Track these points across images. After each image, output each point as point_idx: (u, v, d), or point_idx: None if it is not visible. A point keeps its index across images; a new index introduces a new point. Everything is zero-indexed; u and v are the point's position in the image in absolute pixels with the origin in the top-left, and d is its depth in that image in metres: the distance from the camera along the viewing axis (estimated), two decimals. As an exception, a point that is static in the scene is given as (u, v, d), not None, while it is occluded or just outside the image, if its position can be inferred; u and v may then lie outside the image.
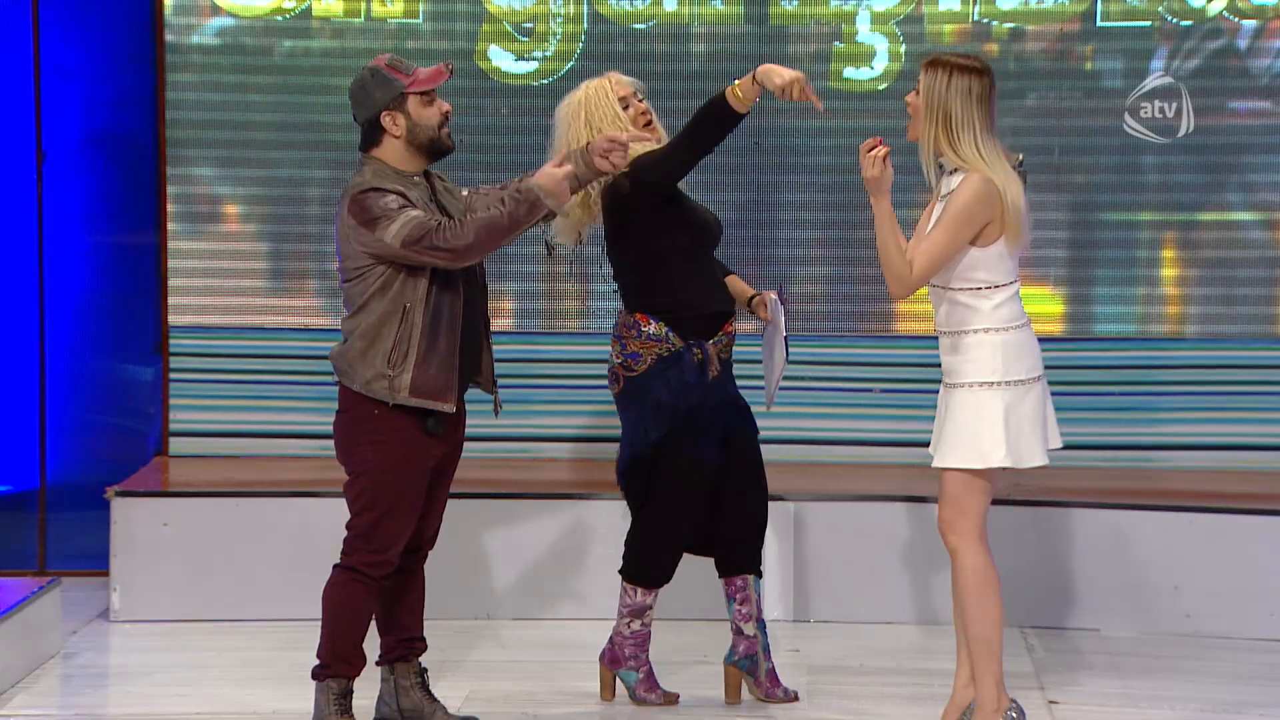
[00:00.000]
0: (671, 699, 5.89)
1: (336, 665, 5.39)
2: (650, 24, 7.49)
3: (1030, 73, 7.50)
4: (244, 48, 7.54)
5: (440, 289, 5.30)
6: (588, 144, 5.45)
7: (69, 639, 6.63)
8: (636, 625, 5.84)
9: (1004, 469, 5.27)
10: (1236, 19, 7.35)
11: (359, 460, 5.35)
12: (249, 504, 6.94)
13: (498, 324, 7.41)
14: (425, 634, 5.64)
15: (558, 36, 7.48)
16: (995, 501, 6.36)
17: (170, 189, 7.56)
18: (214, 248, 7.62)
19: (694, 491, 5.72)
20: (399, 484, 5.33)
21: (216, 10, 7.51)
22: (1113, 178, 7.49)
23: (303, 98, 7.55)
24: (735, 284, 5.89)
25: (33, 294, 7.65)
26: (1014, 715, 5.31)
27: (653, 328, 5.66)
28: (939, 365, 7.59)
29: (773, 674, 5.88)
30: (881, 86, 7.46)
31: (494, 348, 5.59)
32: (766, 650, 5.88)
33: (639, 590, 5.80)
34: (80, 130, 7.71)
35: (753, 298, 5.85)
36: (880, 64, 7.45)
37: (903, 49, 7.43)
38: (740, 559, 5.84)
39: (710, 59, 7.48)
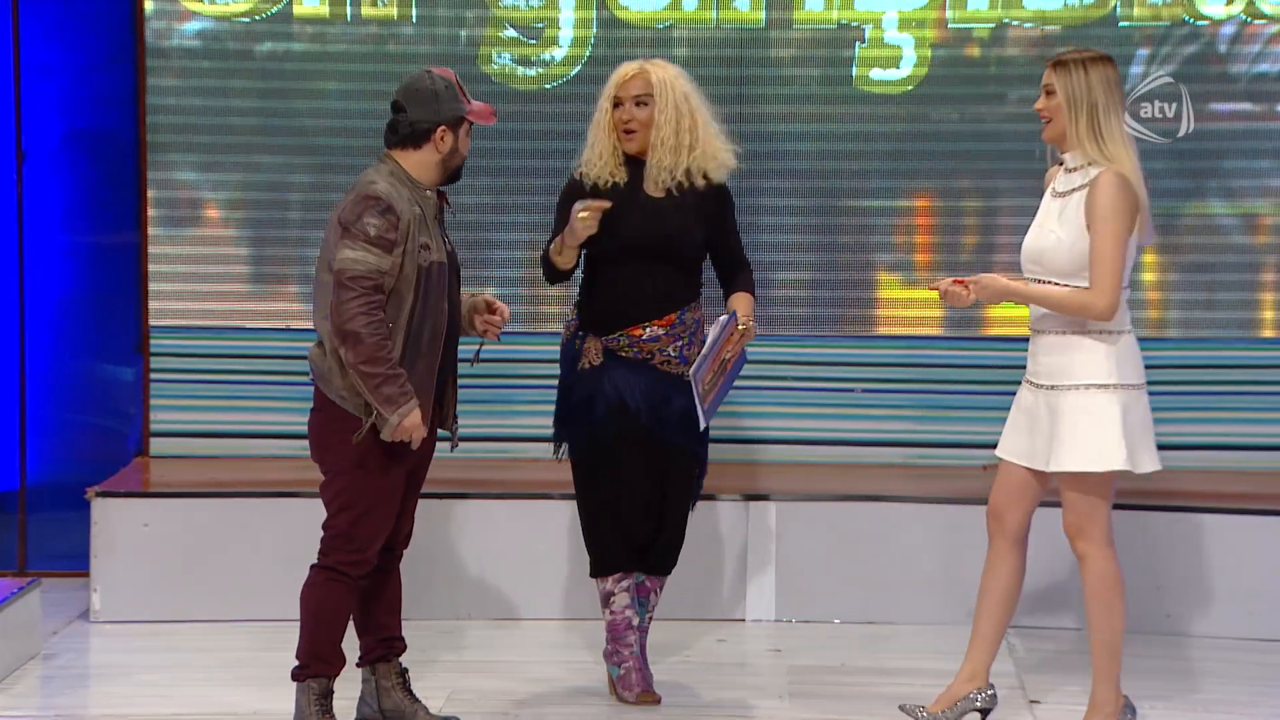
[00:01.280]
0: (649, 699, 5.88)
1: (316, 665, 5.38)
2: (667, 25, 7.46)
3: (1010, 74, 7.50)
4: (225, 48, 7.52)
5: (424, 311, 5.29)
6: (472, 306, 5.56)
7: (49, 639, 6.61)
8: (608, 615, 5.86)
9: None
10: (1254, 21, 7.36)
11: (337, 459, 5.34)
12: (230, 504, 6.92)
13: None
14: (406, 634, 5.63)
15: (569, 39, 7.46)
16: (972, 501, 6.38)
17: (151, 189, 7.54)
18: (195, 248, 7.61)
19: (583, 474, 5.83)
20: (378, 483, 5.32)
21: (195, 12, 7.49)
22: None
23: (284, 98, 7.53)
24: (735, 303, 5.91)
25: (13, 294, 7.63)
26: (1129, 714, 5.41)
27: (571, 316, 5.92)
28: (919, 365, 7.58)
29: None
30: (908, 89, 7.45)
31: (475, 347, 5.59)
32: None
33: (598, 579, 5.85)
34: (60, 129, 7.69)
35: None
36: (906, 66, 7.44)
37: (930, 52, 7.42)
38: (650, 561, 5.92)
39: (730, 63, 7.46)
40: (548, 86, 7.48)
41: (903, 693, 5.99)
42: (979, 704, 5.48)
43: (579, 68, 7.46)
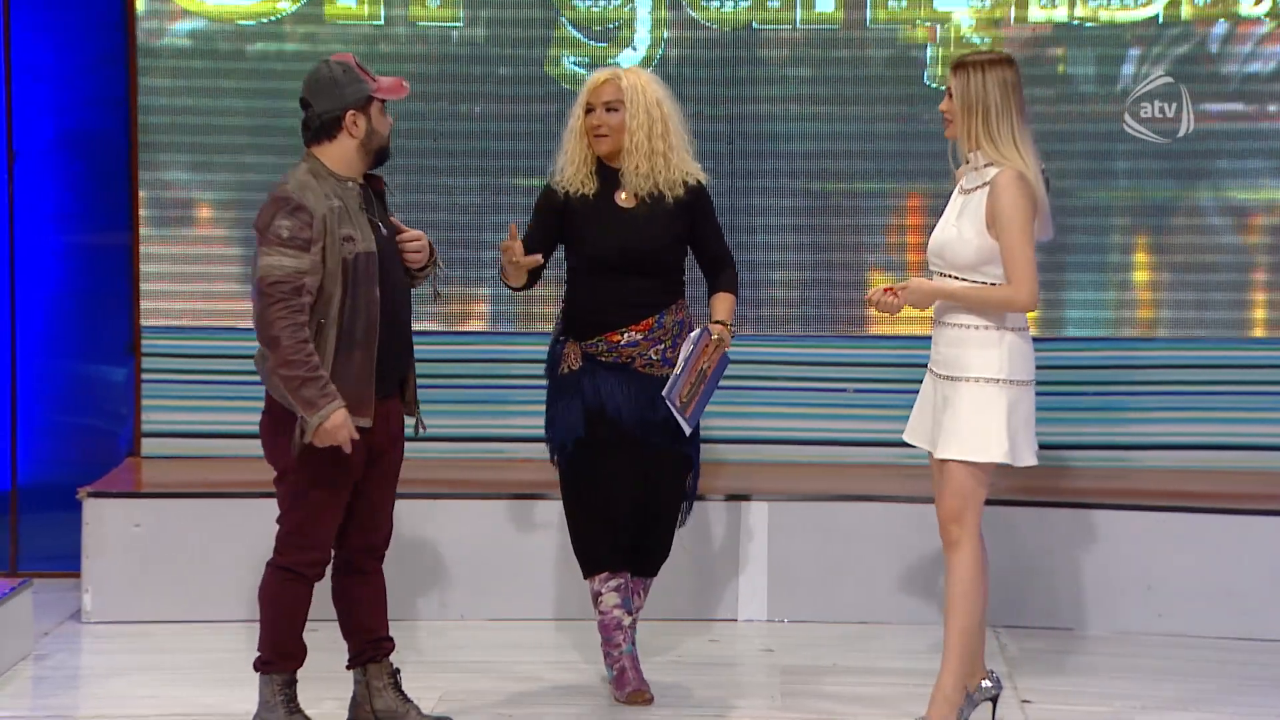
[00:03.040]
0: (639, 699, 5.88)
1: (280, 662, 5.41)
2: (748, 27, 7.44)
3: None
4: (216, 48, 7.52)
5: (355, 303, 5.25)
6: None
7: (40, 640, 6.61)
8: (597, 616, 5.87)
9: (999, 467, 5.34)
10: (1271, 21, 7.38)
11: (283, 459, 5.33)
12: (221, 505, 6.92)
13: (471, 324, 7.43)
14: (398, 634, 5.63)
15: (646, 42, 7.44)
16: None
17: (142, 189, 7.54)
18: (186, 248, 7.60)
19: (567, 473, 5.87)
20: (324, 481, 5.29)
21: (193, 13, 7.47)
22: (1085, 179, 7.51)
23: (275, 98, 7.52)
24: (716, 304, 5.95)
25: (4, 294, 7.62)
26: (969, 708, 5.41)
27: (559, 319, 5.98)
28: (912, 365, 7.59)
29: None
30: (904, 86, 7.46)
31: (468, 347, 5.59)
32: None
33: (588, 580, 5.91)
34: (52, 130, 7.68)
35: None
36: (901, 65, 7.46)
37: (922, 53, 7.42)
38: (636, 563, 5.97)
39: (720, 62, 7.46)
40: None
41: (894, 693, 6.00)
42: (989, 694, 5.51)
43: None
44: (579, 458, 5.85)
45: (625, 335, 5.82)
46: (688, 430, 5.81)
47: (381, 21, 7.48)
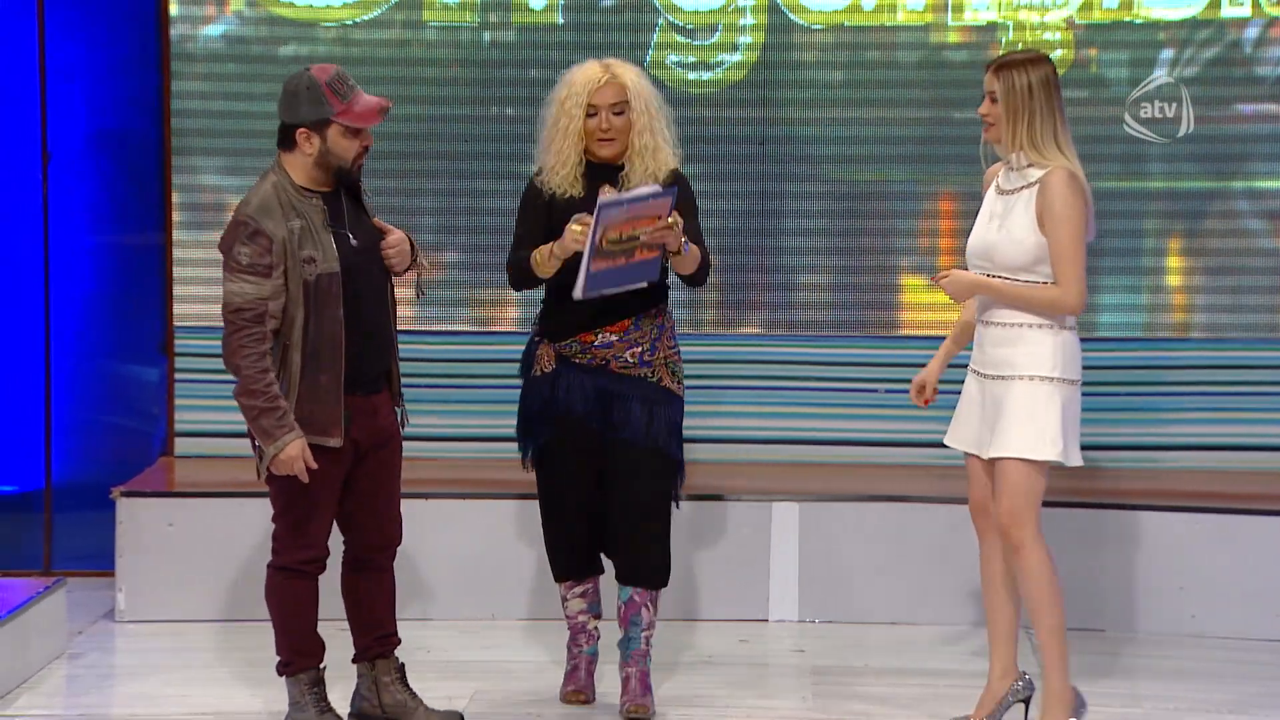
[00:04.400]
0: (572, 698, 5.88)
1: (300, 660, 5.43)
2: (844, 25, 7.45)
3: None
4: (249, 49, 7.54)
5: (319, 325, 5.23)
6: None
7: (74, 639, 6.64)
8: (567, 620, 5.89)
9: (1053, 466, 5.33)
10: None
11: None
12: (254, 504, 6.90)
13: (502, 325, 7.43)
14: (432, 634, 5.64)
15: (747, 41, 7.44)
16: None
17: (175, 190, 7.56)
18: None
19: (540, 477, 5.81)
20: (313, 482, 5.27)
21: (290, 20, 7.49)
22: (1118, 178, 7.49)
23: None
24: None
25: (38, 294, 7.66)
26: (1081, 707, 5.42)
27: (536, 322, 5.86)
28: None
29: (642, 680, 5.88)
30: (931, 88, 7.46)
31: (498, 348, 5.58)
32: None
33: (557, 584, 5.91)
34: (85, 131, 7.71)
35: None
36: (930, 66, 7.46)
37: (1073, 54, 7.42)
38: (623, 570, 5.83)
39: (748, 66, 7.46)
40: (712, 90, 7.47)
41: (926, 694, 5.99)
42: (1021, 695, 5.50)
43: (748, 71, 7.44)
44: (546, 464, 5.78)
45: (600, 336, 5.68)
46: (578, 293, 5.47)
47: (477, 22, 7.47)
